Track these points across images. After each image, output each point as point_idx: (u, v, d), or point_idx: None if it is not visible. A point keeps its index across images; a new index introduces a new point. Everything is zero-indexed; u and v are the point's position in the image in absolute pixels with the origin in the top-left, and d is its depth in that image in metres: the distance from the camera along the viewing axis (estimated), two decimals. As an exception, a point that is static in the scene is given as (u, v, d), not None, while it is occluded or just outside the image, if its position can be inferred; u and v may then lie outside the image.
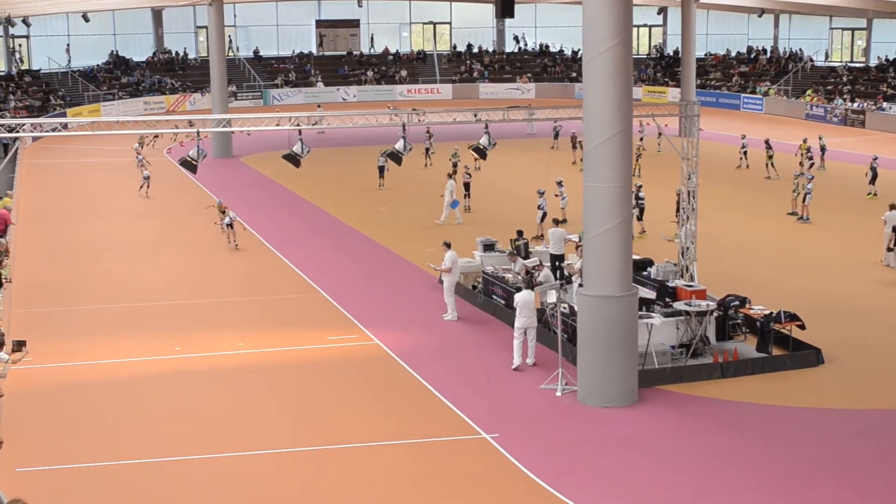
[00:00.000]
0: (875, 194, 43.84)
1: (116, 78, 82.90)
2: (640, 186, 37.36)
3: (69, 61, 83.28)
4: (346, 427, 20.65)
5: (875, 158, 45.34)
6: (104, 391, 22.97)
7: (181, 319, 28.20)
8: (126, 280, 32.59)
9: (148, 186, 46.62)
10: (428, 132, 54.08)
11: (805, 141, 51.45)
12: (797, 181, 40.33)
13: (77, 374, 24.00)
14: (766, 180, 48.77)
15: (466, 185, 42.41)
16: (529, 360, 23.61)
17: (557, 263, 29.82)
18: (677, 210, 37.31)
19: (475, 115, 29.34)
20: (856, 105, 72.78)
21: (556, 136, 58.73)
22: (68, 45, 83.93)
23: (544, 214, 37.12)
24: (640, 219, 36.39)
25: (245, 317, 28.26)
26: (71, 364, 24.63)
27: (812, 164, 49.06)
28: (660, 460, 18.86)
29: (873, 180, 44.34)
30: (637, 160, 46.26)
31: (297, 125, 28.49)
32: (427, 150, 53.44)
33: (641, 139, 50.77)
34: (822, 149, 52.77)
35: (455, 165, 45.85)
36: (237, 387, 23.12)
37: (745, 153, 52.61)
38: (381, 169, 47.17)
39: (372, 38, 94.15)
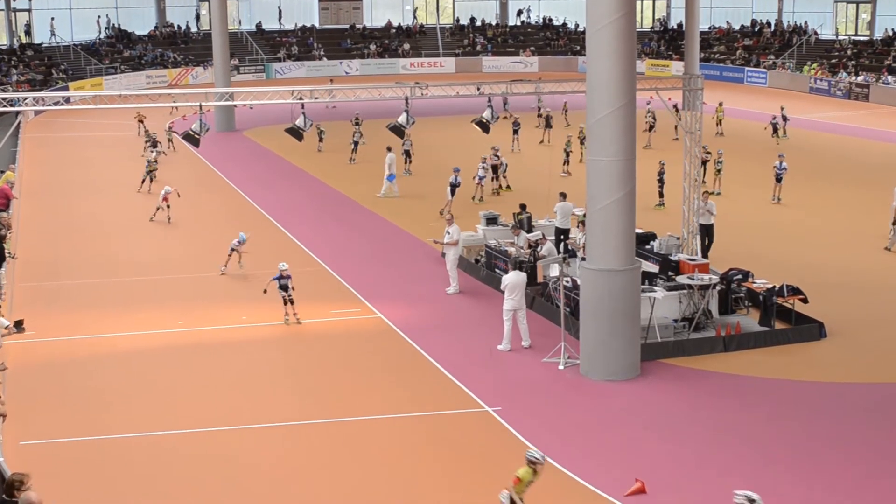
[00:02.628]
0: (779, 143, 50.60)
1: (119, 52, 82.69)
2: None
3: (100, 31, 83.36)
4: (348, 400, 20.70)
5: (782, 109, 53.19)
6: (108, 365, 23.02)
7: (184, 293, 28.23)
8: (129, 254, 32.60)
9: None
10: (356, 120, 50.58)
11: (721, 104, 54.30)
12: (720, 158, 40.11)
13: (81, 348, 24.04)
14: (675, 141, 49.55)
15: (494, 168, 40.55)
16: (525, 342, 23.51)
17: (563, 237, 29.80)
18: (660, 180, 37.65)
19: (478, 89, 29.28)
20: (860, 79, 72.55)
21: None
22: (99, 16, 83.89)
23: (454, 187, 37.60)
24: None
25: (248, 290, 28.27)
26: (75, 338, 24.67)
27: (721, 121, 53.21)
28: (662, 434, 18.89)
29: (775, 132, 51.74)
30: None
31: (300, 99, 28.43)
32: (355, 143, 48.93)
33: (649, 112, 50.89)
34: (784, 119, 54.19)
35: (406, 148, 45.16)
36: (240, 360, 23.15)
37: (653, 117, 53.92)
38: (407, 153, 45.38)
39: (415, 12, 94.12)
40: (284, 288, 25.17)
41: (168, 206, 36.16)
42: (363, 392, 21.03)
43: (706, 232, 29.88)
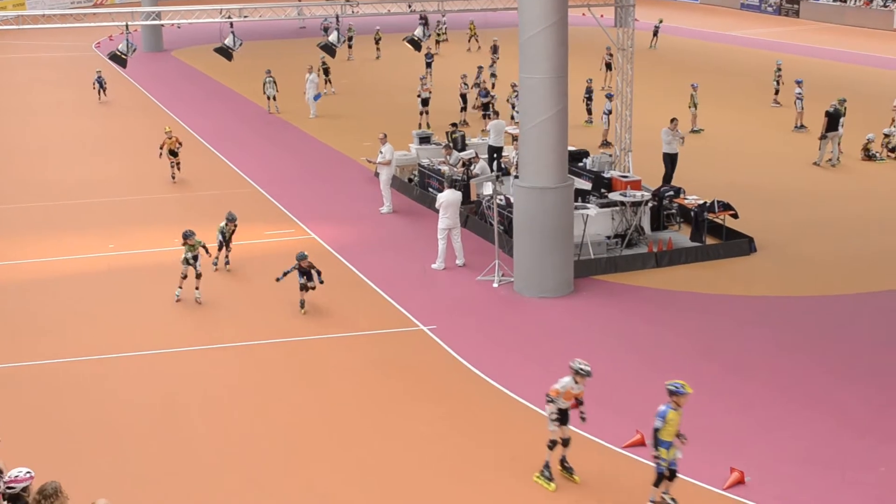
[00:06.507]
0: (655, 47, 57.62)
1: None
2: (484, 81, 38.08)
3: None
4: (284, 321, 20.68)
5: (660, 21, 59.58)
6: (40, 290, 22.75)
7: (115, 217, 27.91)
8: (58, 178, 32.15)
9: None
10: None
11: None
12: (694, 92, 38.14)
13: (10, 273, 23.74)
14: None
15: (463, 97, 39.17)
16: (459, 261, 23.59)
17: (496, 155, 29.79)
18: (588, 97, 37.94)
19: (409, 7, 29.04)
20: (790, -5, 72.88)
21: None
22: None
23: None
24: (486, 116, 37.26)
25: (181, 213, 28.01)
26: (3, 263, 24.35)
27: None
28: (596, 349, 19.09)
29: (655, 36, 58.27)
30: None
31: (229, 18, 28.01)
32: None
33: None
34: (655, 31, 58.80)
35: (326, 67, 45.12)
36: (173, 283, 22.98)
37: (476, 37, 57.63)
38: (326, 71, 45.43)
39: None
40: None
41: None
42: (298, 312, 21.00)
43: (671, 161, 29.33)
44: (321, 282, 20.87)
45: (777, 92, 41.41)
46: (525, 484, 14.50)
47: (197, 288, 21.71)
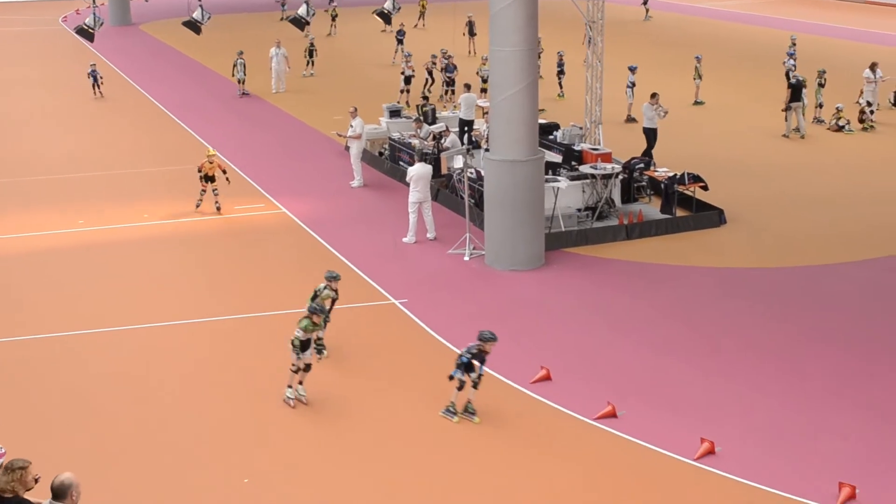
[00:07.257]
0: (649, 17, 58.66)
1: (6, -57, 79.87)
2: (451, 56, 38.12)
3: None
4: (254, 295, 20.61)
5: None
6: (6, 265, 22.59)
7: (85, 192, 27.72)
8: (26, 154, 31.89)
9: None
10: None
11: None
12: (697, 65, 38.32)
13: (-22, 249, 23.60)
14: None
15: (430, 73, 38.89)
16: (430, 234, 23.57)
17: (466, 129, 29.74)
18: (560, 71, 37.88)
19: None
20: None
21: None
22: None
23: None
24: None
25: (150, 188, 27.85)
26: (-29, 239, 24.21)
27: None
28: (567, 321, 19.14)
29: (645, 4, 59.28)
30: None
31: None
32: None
33: None
34: (645, 1, 59.19)
35: (312, 49, 44.04)
36: (143, 258, 22.86)
37: (423, 15, 57.16)
38: (311, 52, 44.20)
39: None
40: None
41: None
42: (268, 287, 20.95)
43: (653, 136, 29.13)
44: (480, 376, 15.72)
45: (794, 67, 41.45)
46: (499, 459, 14.53)
47: (301, 382, 16.30)
